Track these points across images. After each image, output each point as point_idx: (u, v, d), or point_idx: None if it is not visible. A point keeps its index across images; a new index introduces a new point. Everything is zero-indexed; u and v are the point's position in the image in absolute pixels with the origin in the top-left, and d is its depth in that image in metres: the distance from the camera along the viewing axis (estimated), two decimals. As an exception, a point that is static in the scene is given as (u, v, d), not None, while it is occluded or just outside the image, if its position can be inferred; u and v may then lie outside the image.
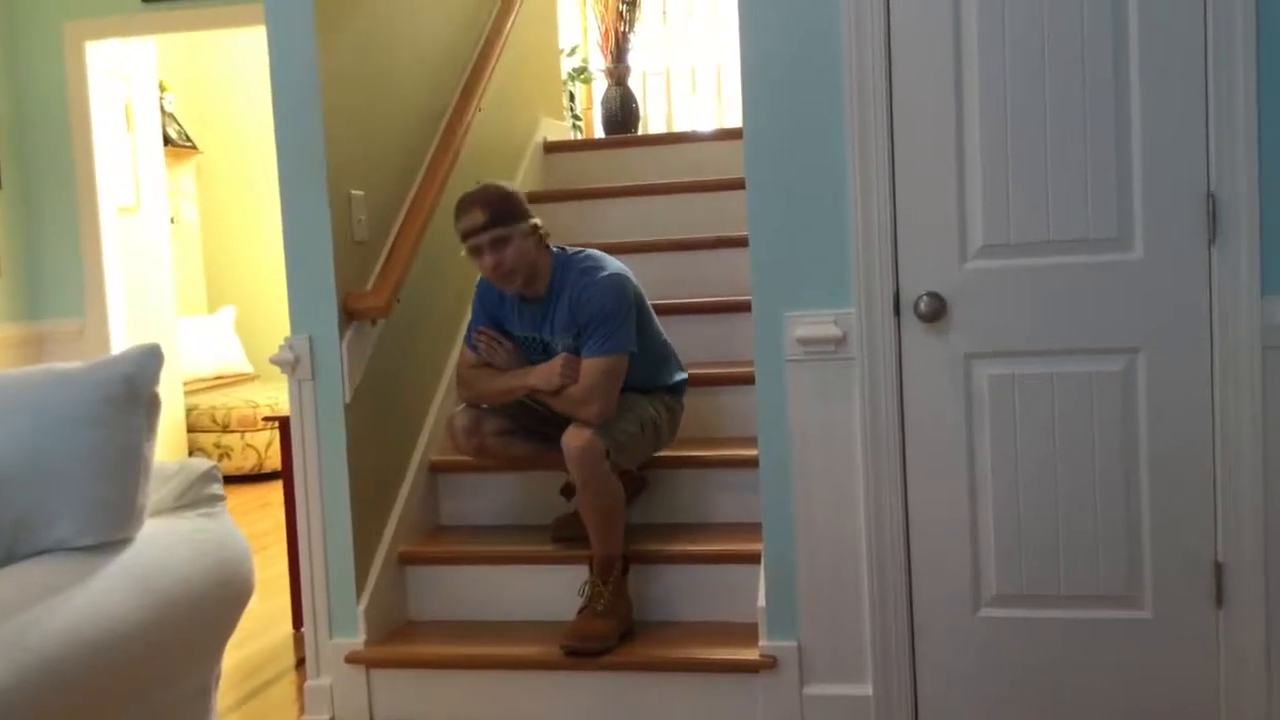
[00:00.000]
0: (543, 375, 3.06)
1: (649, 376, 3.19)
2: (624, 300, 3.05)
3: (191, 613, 2.03)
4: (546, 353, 3.15)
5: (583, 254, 3.14)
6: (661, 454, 3.31)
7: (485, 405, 3.20)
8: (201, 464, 2.22)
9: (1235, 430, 2.59)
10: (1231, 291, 2.57)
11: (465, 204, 3.05)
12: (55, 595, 1.79)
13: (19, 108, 5.36)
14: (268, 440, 6.56)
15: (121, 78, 6.06)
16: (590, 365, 3.01)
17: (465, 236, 3.03)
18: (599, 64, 6.13)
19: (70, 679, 1.74)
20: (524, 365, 3.13)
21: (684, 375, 3.32)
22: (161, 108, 6.80)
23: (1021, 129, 2.63)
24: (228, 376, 7.39)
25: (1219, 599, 2.64)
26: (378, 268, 3.32)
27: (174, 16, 5.24)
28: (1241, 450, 2.59)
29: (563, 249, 3.16)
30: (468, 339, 3.22)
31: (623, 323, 3.03)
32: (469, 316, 3.29)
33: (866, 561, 2.78)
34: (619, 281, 3.06)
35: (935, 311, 2.68)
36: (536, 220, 3.08)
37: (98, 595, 1.84)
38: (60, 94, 5.35)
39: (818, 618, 2.83)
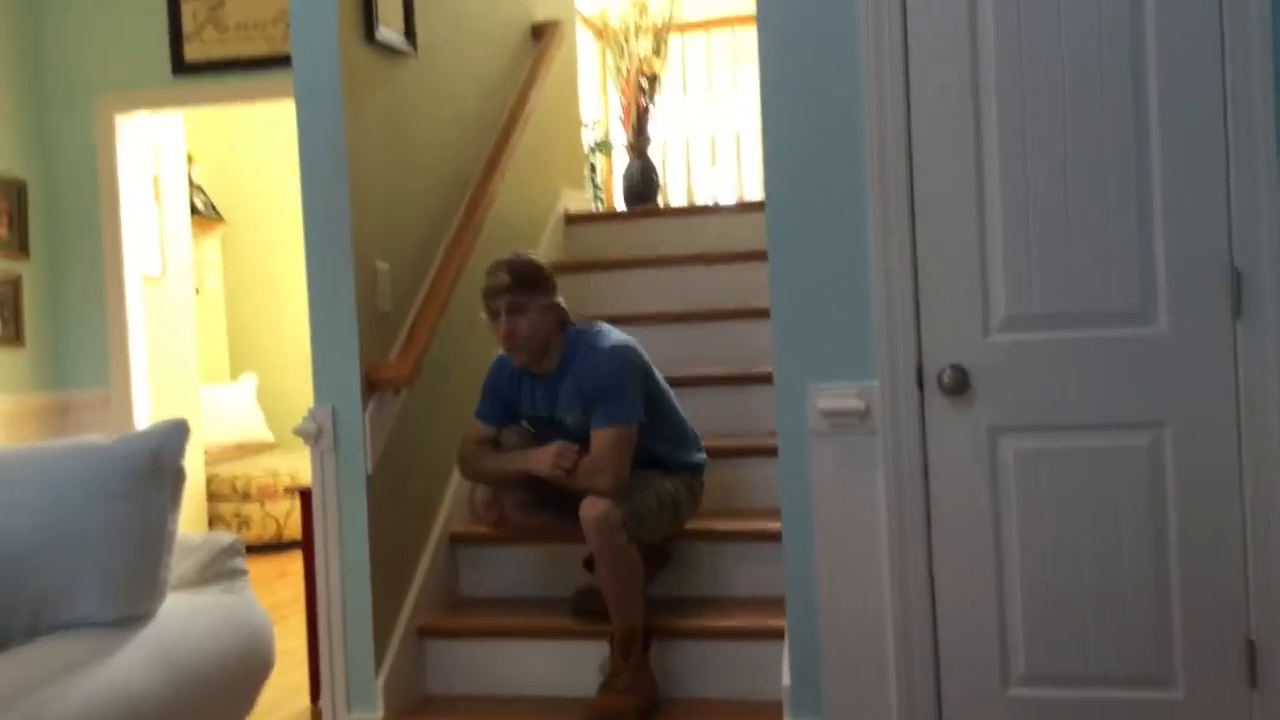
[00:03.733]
0: (537, 460, 3.06)
1: (667, 454, 3.19)
2: (629, 370, 3.05)
3: (212, 689, 2.02)
4: (557, 430, 3.15)
5: (593, 328, 3.15)
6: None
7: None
8: (224, 538, 2.22)
9: (1265, 505, 2.55)
10: (1258, 366, 2.55)
11: (495, 266, 3.11)
12: (76, 672, 1.79)
13: (49, 179, 5.44)
14: (287, 509, 6.55)
15: (150, 149, 6.15)
16: (600, 436, 3.01)
17: (486, 296, 3.07)
18: (620, 137, 6.19)
19: (89, 758, 1.73)
20: (530, 446, 3.13)
21: (703, 456, 3.30)
22: (189, 179, 6.90)
23: (1043, 201, 2.63)
24: (249, 445, 7.40)
25: (1252, 679, 2.59)
26: (401, 339, 3.34)
27: (203, 90, 5.32)
28: (1271, 526, 2.55)
29: (573, 325, 3.16)
30: (478, 412, 3.23)
31: (630, 392, 3.03)
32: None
33: (892, 638, 2.74)
34: (623, 352, 3.07)
35: (959, 384, 2.67)
36: (560, 300, 3.10)
37: (118, 672, 1.84)
38: (90, 165, 5.42)
39: (844, 696, 2.78)
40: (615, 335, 3.13)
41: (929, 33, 2.67)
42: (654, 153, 5.90)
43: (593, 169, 6.62)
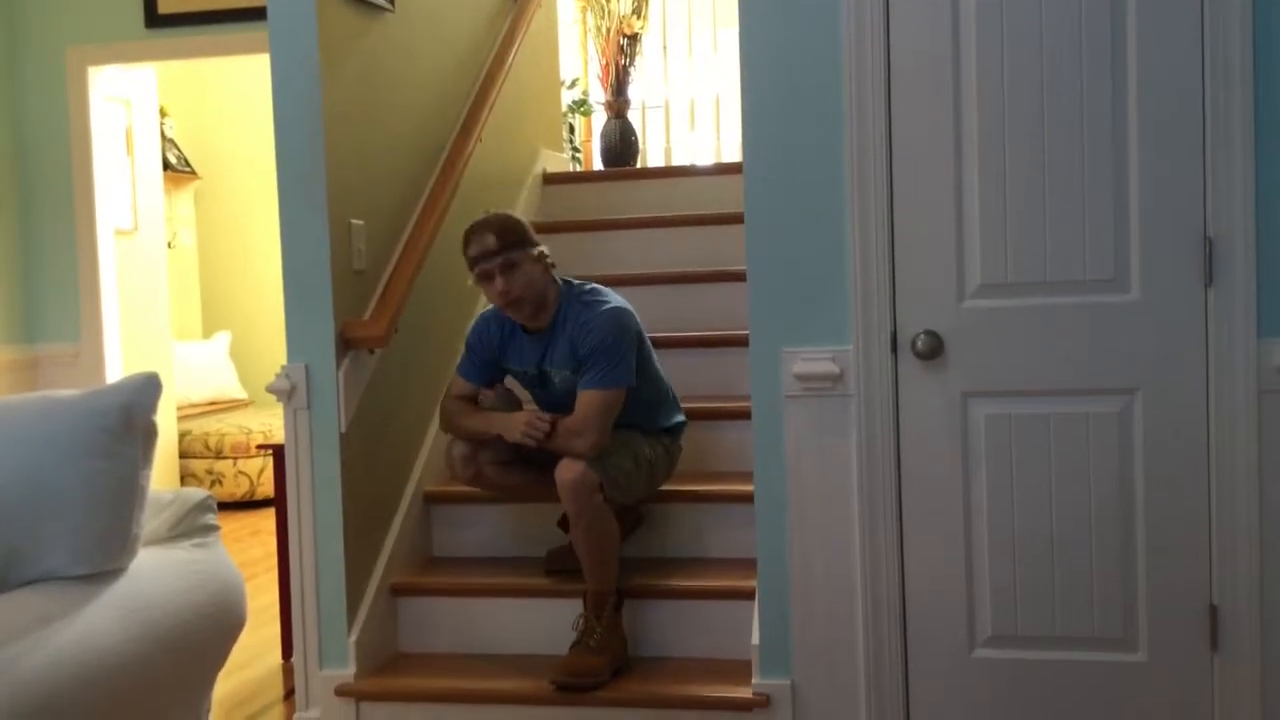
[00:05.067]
0: (507, 425, 3.06)
1: (648, 418, 3.19)
2: (625, 334, 3.05)
3: (182, 644, 2.01)
4: (545, 386, 3.15)
5: (587, 287, 3.15)
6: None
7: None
8: (196, 494, 2.21)
9: (1231, 473, 2.59)
10: (1228, 334, 2.57)
11: (476, 229, 3.07)
12: (46, 626, 1.78)
13: (20, 131, 5.37)
14: (260, 467, 6.54)
15: (123, 103, 6.08)
16: (586, 397, 3.01)
17: (476, 261, 3.03)
18: (599, 96, 6.15)
19: (59, 711, 1.73)
20: (510, 408, 3.15)
21: (682, 418, 3.31)
22: (162, 133, 6.82)
23: (1020, 169, 2.64)
24: (221, 402, 7.37)
25: (1214, 643, 2.63)
26: (376, 297, 3.32)
27: (177, 43, 5.25)
28: (1237, 493, 2.59)
29: (569, 281, 3.16)
30: (460, 368, 3.23)
31: (623, 357, 3.03)
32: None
33: (861, 599, 2.77)
34: (622, 316, 3.07)
35: (933, 350, 2.68)
36: (544, 248, 3.09)
37: (88, 626, 1.83)
38: (61, 118, 5.36)
39: (812, 656, 2.81)
40: (614, 298, 3.12)
41: (910, 1, 2.67)
42: (633, 116, 5.87)
43: (571, 129, 6.58)
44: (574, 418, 3.01)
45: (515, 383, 3.28)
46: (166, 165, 6.97)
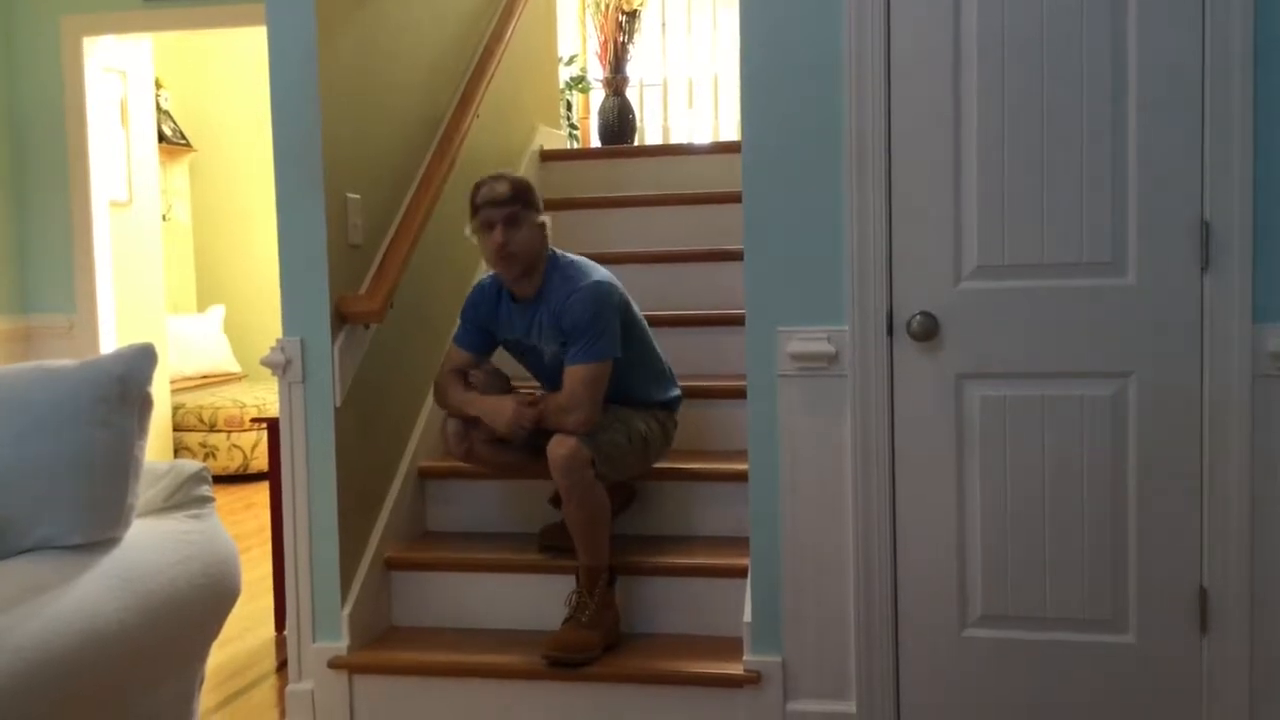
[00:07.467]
0: (493, 414, 3.07)
1: (641, 391, 3.19)
2: (607, 307, 3.05)
3: (176, 614, 2.02)
4: (536, 357, 3.16)
5: (572, 260, 3.15)
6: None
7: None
8: (191, 465, 2.22)
9: (1223, 457, 2.60)
10: (1223, 318, 2.58)
11: (490, 178, 3.10)
12: (40, 594, 1.79)
13: (14, 102, 5.35)
14: (254, 441, 6.54)
15: (118, 74, 6.05)
16: (573, 373, 3.01)
17: (483, 206, 3.04)
18: (597, 73, 6.13)
19: (53, 679, 1.74)
20: (499, 391, 3.16)
21: (678, 392, 3.31)
22: (157, 104, 6.79)
23: (1018, 152, 2.64)
24: (215, 376, 7.36)
25: (1203, 625, 2.65)
26: (372, 272, 3.31)
27: (173, 14, 5.22)
28: (1229, 477, 2.60)
29: (555, 252, 3.16)
30: (456, 337, 3.23)
31: (605, 330, 3.03)
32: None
33: (853, 578, 2.78)
34: (603, 289, 3.06)
35: (928, 331, 2.69)
36: (547, 218, 3.10)
37: (82, 595, 1.84)
38: (56, 88, 5.33)
39: (803, 634, 2.83)
40: (597, 271, 3.13)
41: (911, -24, 2.66)
42: (631, 94, 5.85)
43: (569, 106, 6.56)
44: (562, 395, 3.02)
45: (509, 357, 3.29)
46: (162, 137, 6.94)
